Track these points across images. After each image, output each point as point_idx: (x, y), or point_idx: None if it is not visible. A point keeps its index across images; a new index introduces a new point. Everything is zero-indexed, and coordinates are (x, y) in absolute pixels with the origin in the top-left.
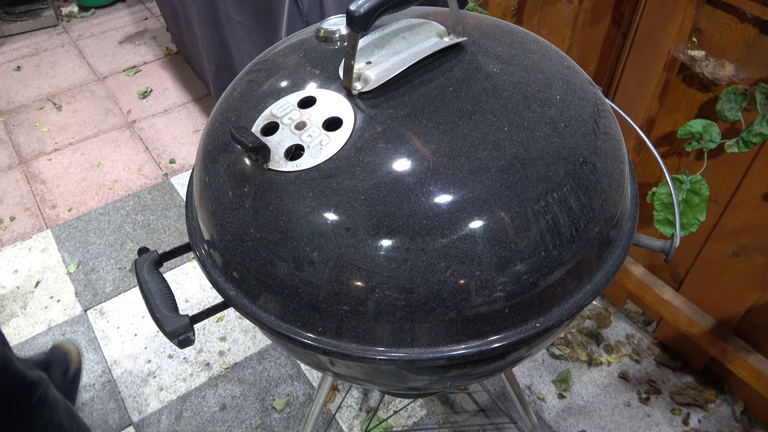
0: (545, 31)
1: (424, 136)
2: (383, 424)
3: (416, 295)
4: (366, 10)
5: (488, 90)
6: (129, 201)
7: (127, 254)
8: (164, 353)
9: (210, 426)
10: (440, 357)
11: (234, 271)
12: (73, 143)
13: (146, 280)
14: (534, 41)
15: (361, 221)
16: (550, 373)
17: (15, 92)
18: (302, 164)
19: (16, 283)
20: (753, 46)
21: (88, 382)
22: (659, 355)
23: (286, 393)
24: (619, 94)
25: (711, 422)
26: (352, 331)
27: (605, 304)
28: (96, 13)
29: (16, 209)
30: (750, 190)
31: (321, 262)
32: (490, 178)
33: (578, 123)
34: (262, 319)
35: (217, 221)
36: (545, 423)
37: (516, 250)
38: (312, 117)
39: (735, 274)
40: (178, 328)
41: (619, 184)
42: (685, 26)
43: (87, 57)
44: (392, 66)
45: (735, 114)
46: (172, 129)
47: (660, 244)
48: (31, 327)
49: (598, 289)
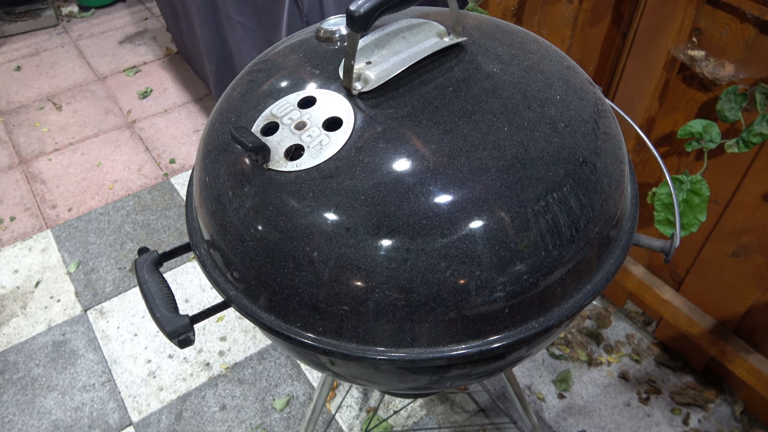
0: (545, 31)
1: (424, 136)
2: (383, 424)
3: (416, 295)
4: (366, 10)
5: (488, 90)
6: (129, 201)
7: (127, 254)
8: (164, 353)
9: (210, 426)
10: (440, 357)
11: (234, 271)
12: (73, 143)
13: (146, 280)
14: (534, 41)
15: (361, 221)
16: (550, 373)
17: (15, 92)
18: (302, 164)
19: (16, 283)
20: (753, 46)
21: (88, 382)
22: (659, 355)
23: (286, 393)
24: (619, 94)
25: (711, 422)
26: (352, 331)
27: (605, 304)
28: (96, 13)
29: (16, 209)
30: (750, 190)
31: (321, 262)
32: (490, 178)
33: (578, 123)
34: (262, 319)
35: (217, 221)
36: (545, 423)
37: (516, 250)
38: (312, 117)
39: (735, 274)
40: (178, 328)
41: (619, 184)
42: (685, 26)
43: (87, 57)
44: (392, 66)
45: (735, 114)
46: (172, 129)
47: (660, 244)
48: (31, 327)
49: (598, 289)
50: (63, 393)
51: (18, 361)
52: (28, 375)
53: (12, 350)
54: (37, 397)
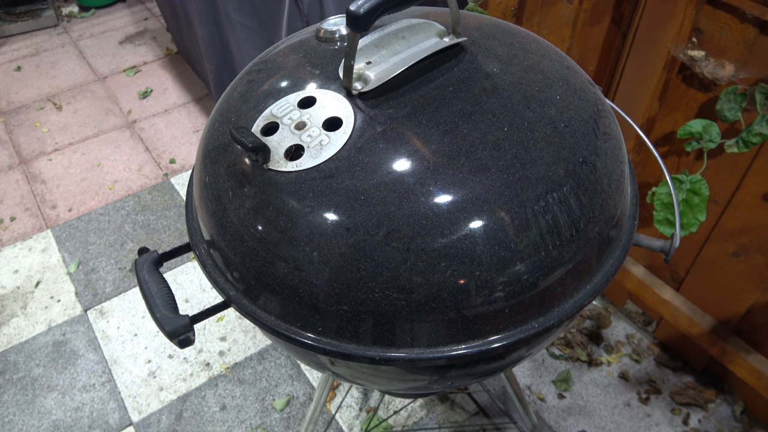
0: (545, 31)
1: (424, 136)
2: (383, 424)
3: (416, 295)
4: (366, 10)
5: (488, 90)
6: (129, 201)
7: (127, 254)
8: (164, 353)
9: (210, 426)
10: (440, 357)
11: (234, 271)
12: (74, 143)
13: (146, 280)
14: (534, 41)
15: (361, 221)
16: (550, 373)
17: (15, 92)
18: (302, 164)
19: (17, 283)
20: (753, 46)
21: (88, 382)
22: (659, 355)
23: (286, 393)
24: (619, 94)
25: (711, 422)
26: (352, 331)
27: (605, 304)
28: (96, 13)
29: (17, 209)
30: (750, 190)
31: (321, 262)
32: (490, 178)
33: (578, 123)
34: (262, 319)
35: (217, 221)
36: (545, 423)
37: (516, 250)
38: (312, 117)
39: (735, 274)
40: (178, 328)
41: (619, 184)
42: (685, 26)
43: (87, 57)
44: (392, 66)
45: (735, 114)
46: (172, 129)
47: (660, 244)
48: (31, 327)
49: (598, 289)
50: (63, 393)
51: (18, 361)
52: (29, 375)
53: (12, 350)
54: (37, 397)
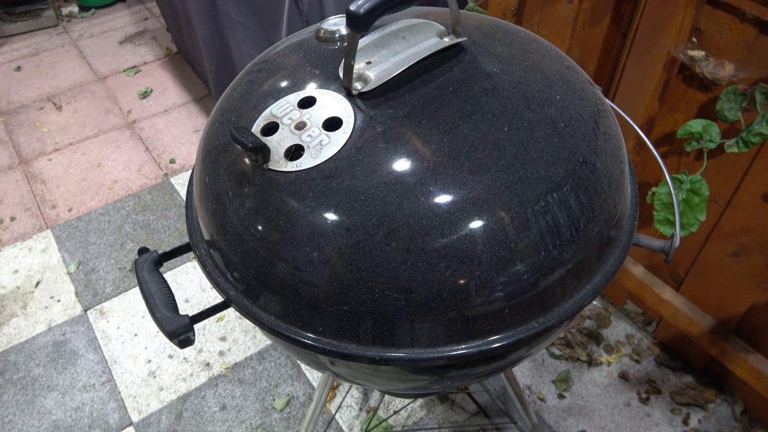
0: (545, 31)
1: (424, 136)
2: (383, 424)
3: (416, 295)
4: (366, 10)
5: (488, 90)
6: (129, 201)
7: (127, 254)
8: (164, 353)
9: (210, 426)
10: (440, 357)
11: (234, 271)
12: (74, 143)
13: (146, 280)
14: (534, 41)
15: (361, 221)
16: (550, 373)
17: (15, 92)
18: (302, 164)
19: (17, 283)
20: (753, 46)
21: (88, 382)
22: (659, 355)
23: (286, 393)
24: (619, 94)
25: (711, 422)
26: (352, 331)
27: (605, 304)
28: (96, 13)
29: (17, 209)
30: (750, 190)
31: (321, 262)
32: (490, 178)
33: (578, 123)
34: (262, 319)
35: (217, 221)
36: (545, 423)
37: (516, 250)
38: (312, 117)
39: (735, 274)
40: (178, 328)
41: (619, 184)
42: (685, 26)
43: (87, 57)
44: (392, 66)
45: (735, 114)
46: (172, 129)
47: (660, 244)
48: (31, 327)
49: (598, 289)
50: (63, 393)
51: (18, 361)
52: (29, 375)
53: (12, 350)
54: (37, 397)
